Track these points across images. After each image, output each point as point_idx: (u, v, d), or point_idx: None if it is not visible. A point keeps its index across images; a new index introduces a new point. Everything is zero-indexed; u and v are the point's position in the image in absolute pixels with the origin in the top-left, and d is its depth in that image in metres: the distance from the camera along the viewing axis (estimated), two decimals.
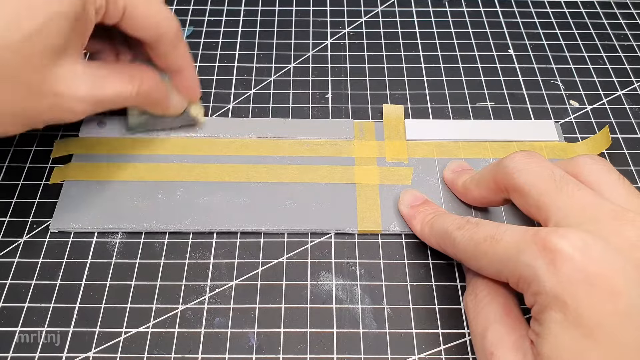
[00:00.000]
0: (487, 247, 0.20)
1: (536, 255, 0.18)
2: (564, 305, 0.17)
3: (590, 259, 0.17)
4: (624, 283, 0.17)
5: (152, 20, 0.25)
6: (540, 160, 0.22)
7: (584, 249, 0.17)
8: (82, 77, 0.23)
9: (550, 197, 0.20)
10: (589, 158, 0.22)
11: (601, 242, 0.18)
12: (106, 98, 0.24)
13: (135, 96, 0.25)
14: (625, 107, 0.33)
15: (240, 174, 0.29)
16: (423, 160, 0.30)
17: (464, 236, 0.22)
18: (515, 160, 0.22)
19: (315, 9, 0.39)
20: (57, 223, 0.27)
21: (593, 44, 0.37)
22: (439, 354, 0.24)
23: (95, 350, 0.24)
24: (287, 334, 0.24)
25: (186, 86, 0.29)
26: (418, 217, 0.26)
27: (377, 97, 0.33)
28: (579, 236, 0.18)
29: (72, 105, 0.23)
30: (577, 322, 0.17)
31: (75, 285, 0.25)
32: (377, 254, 0.27)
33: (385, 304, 0.25)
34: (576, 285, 0.17)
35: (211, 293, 0.25)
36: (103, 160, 0.29)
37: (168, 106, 0.28)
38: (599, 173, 0.21)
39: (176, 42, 0.26)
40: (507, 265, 0.19)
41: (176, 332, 0.24)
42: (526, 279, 0.18)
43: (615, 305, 0.17)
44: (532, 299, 0.18)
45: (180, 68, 0.28)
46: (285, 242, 0.27)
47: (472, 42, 0.37)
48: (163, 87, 0.27)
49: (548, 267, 0.17)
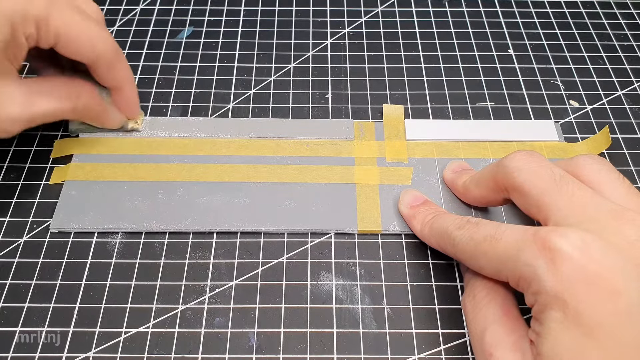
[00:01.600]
0: (487, 247, 0.20)
1: (536, 255, 0.18)
2: (563, 304, 0.17)
3: (590, 259, 0.17)
4: (624, 282, 0.17)
5: (88, 43, 0.25)
6: (541, 159, 0.22)
7: (583, 248, 0.17)
8: (15, 97, 0.24)
9: (550, 197, 0.20)
10: (588, 158, 0.22)
11: (601, 241, 0.18)
12: (39, 115, 0.25)
13: (71, 112, 0.27)
14: (625, 107, 0.33)
15: (240, 174, 0.29)
16: (423, 160, 0.30)
17: (464, 236, 0.22)
18: (515, 159, 0.22)
19: (315, 9, 0.39)
20: (57, 223, 0.27)
21: (593, 44, 0.37)
22: (439, 354, 0.24)
23: (95, 350, 0.24)
24: (287, 334, 0.24)
25: (125, 104, 0.29)
26: (418, 217, 0.26)
27: (377, 97, 0.33)
28: (579, 235, 0.18)
29: (6, 126, 0.25)
30: (577, 321, 0.17)
31: (75, 285, 0.25)
32: (377, 254, 0.27)
33: (385, 304, 0.25)
34: (576, 285, 0.17)
35: (211, 293, 0.25)
36: (103, 160, 0.29)
37: (106, 121, 0.29)
38: (599, 172, 0.21)
39: (114, 62, 0.27)
40: (507, 264, 0.19)
41: (176, 332, 0.24)
42: (526, 278, 0.18)
43: (615, 304, 0.17)
44: (533, 299, 0.18)
45: (120, 85, 0.28)
46: (285, 242, 0.27)
47: (472, 42, 0.37)
48: (101, 103, 0.28)
49: (548, 266, 0.17)
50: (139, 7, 0.38)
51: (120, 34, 0.37)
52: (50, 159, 0.30)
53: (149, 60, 0.35)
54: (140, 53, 0.35)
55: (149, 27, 0.37)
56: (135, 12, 0.38)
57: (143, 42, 0.36)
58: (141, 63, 0.35)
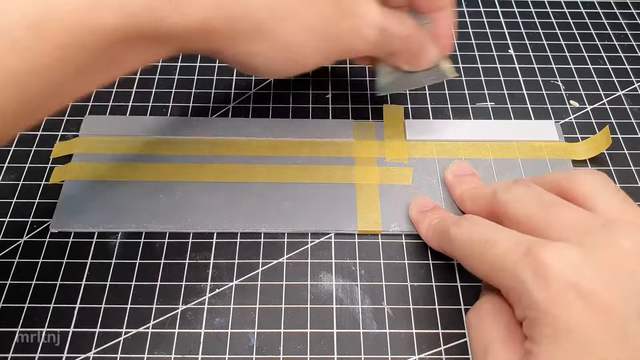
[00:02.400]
0: (480, 250, 0.20)
1: (526, 269, 0.18)
2: (554, 319, 0.17)
3: (581, 275, 0.17)
4: (617, 298, 0.17)
5: None
6: (534, 190, 0.22)
7: (575, 264, 0.17)
8: (373, 3, 0.24)
9: (540, 219, 0.20)
10: (583, 172, 0.22)
11: (593, 257, 0.17)
12: (391, 31, 0.24)
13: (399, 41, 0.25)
14: (625, 107, 0.33)
15: (240, 174, 0.29)
16: (423, 160, 0.30)
17: (461, 234, 0.22)
18: (509, 191, 0.22)
19: None
20: (57, 223, 0.27)
21: (593, 44, 0.37)
22: (439, 354, 0.24)
23: (95, 350, 0.24)
24: (287, 334, 0.24)
25: (443, 33, 0.27)
26: (425, 221, 0.26)
27: (377, 97, 0.33)
28: (570, 251, 0.17)
29: (367, 31, 0.24)
30: (569, 337, 0.16)
31: (75, 285, 0.25)
32: (377, 254, 0.27)
33: (385, 304, 0.25)
34: (567, 301, 0.17)
35: (211, 293, 0.25)
36: (103, 160, 0.29)
37: (424, 55, 0.27)
38: (593, 186, 0.21)
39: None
40: (498, 273, 0.19)
41: (176, 332, 0.24)
42: (515, 291, 0.18)
43: (609, 320, 0.16)
44: (522, 314, 0.18)
45: (443, 5, 0.26)
46: (285, 242, 0.27)
47: (472, 42, 0.37)
48: (423, 35, 0.26)
49: (538, 281, 0.17)
50: None
51: None
52: (50, 159, 0.30)
53: None
54: None
55: None
56: None
57: None
58: None
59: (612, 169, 0.30)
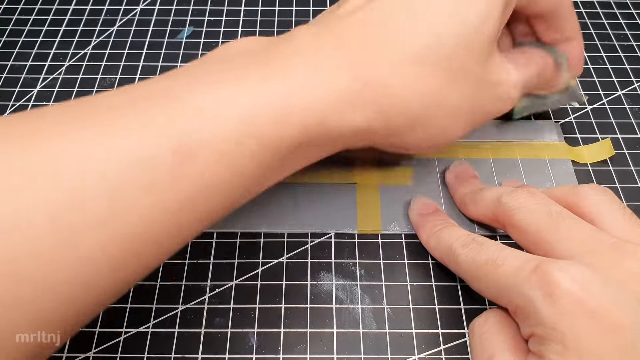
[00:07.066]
0: (487, 271, 0.20)
1: (535, 287, 0.18)
2: (562, 336, 0.17)
3: (590, 293, 0.17)
4: (627, 316, 0.17)
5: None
6: (540, 198, 0.22)
7: (583, 282, 0.17)
8: (507, 62, 0.23)
9: (547, 233, 0.20)
10: (590, 188, 0.22)
11: (601, 275, 0.17)
12: (528, 81, 0.24)
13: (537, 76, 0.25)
14: (625, 107, 0.33)
15: None
16: (423, 160, 0.30)
17: (467, 255, 0.21)
18: (514, 198, 0.22)
19: (315, 9, 0.39)
20: None
21: (593, 44, 0.37)
22: (439, 354, 0.24)
23: (95, 350, 0.24)
24: (287, 334, 0.24)
25: (577, 57, 0.27)
26: (426, 226, 0.26)
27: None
28: (579, 269, 0.17)
29: (511, 93, 0.24)
30: (579, 353, 0.16)
31: None
32: (377, 254, 0.27)
33: (385, 304, 0.25)
34: (575, 318, 0.17)
35: (211, 293, 0.25)
36: None
37: (558, 80, 0.27)
38: (600, 204, 0.21)
39: (571, 6, 0.25)
40: (506, 293, 0.19)
41: (176, 332, 0.24)
42: (523, 309, 0.18)
43: (619, 338, 0.16)
44: (529, 331, 0.18)
45: (574, 35, 0.26)
46: (285, 242, 0.27)
47: None
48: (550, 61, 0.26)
49: (546, 299, 0.17)
50: (139, 7, 0.38)
51: (120, 34, 0.37)
52: None
53: (149, 60, 0.35)
54: (140, 53, 0.35)
55: (149, 27, 0.37)
56: (135, 12, 0.38)
57: (143, 42, 0.36)
58: (141, 63, 0.35)
59: (612, 169, 0.30)
